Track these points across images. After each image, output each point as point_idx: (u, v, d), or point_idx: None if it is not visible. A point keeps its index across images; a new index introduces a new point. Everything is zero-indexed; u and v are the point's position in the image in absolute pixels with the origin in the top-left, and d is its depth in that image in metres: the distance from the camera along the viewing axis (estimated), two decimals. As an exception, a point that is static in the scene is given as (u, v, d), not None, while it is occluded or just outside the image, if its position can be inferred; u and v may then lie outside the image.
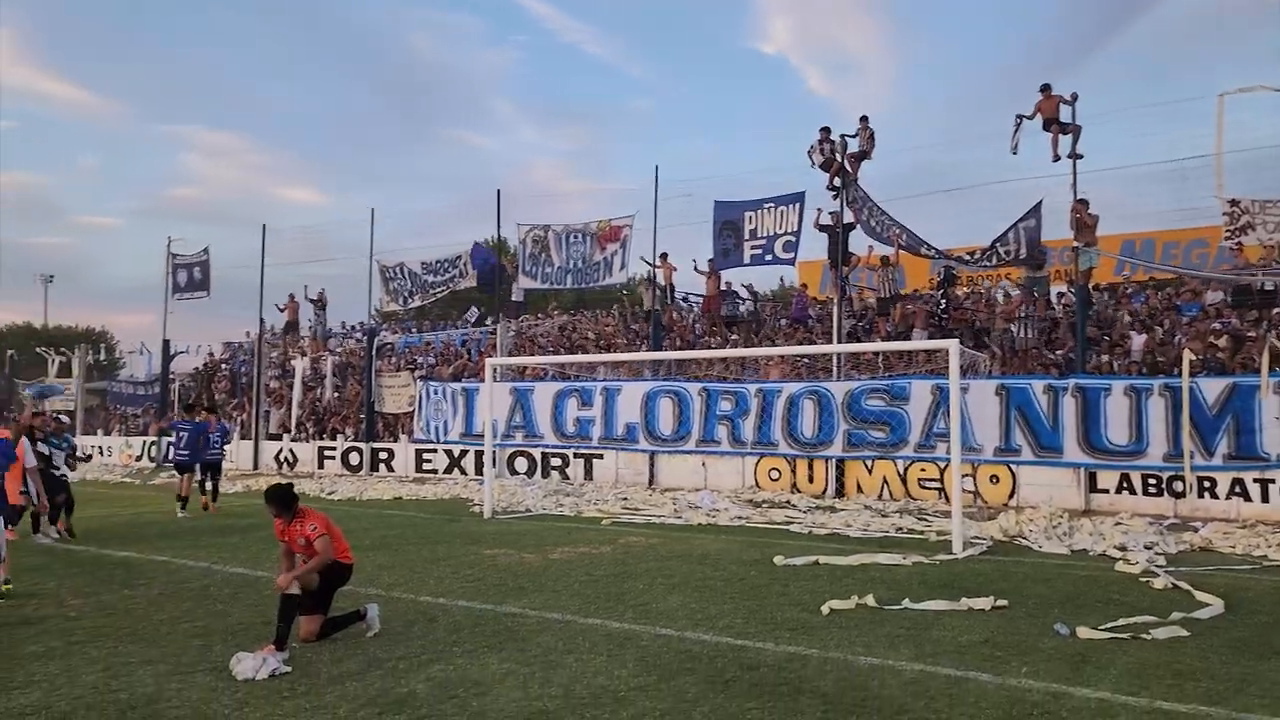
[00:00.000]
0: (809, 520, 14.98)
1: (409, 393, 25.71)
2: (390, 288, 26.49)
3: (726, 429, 19.60)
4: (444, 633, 7.47)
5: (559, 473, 22.36)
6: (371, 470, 25.88)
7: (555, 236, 22.92)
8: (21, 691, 5.92)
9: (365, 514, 16.83)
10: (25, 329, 75.88)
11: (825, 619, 7.89)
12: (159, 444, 31.00)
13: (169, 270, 31.41)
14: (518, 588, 9.39)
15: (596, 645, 7.02)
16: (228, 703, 5.68)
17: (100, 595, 9.09)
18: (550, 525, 14.83)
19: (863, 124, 19.36)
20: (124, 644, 7.12)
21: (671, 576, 9.97)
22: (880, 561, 10.81)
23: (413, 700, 5.72)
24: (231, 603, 8.70)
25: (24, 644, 7.18)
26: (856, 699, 5.70)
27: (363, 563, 10.77)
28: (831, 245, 19.44)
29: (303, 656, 6.70)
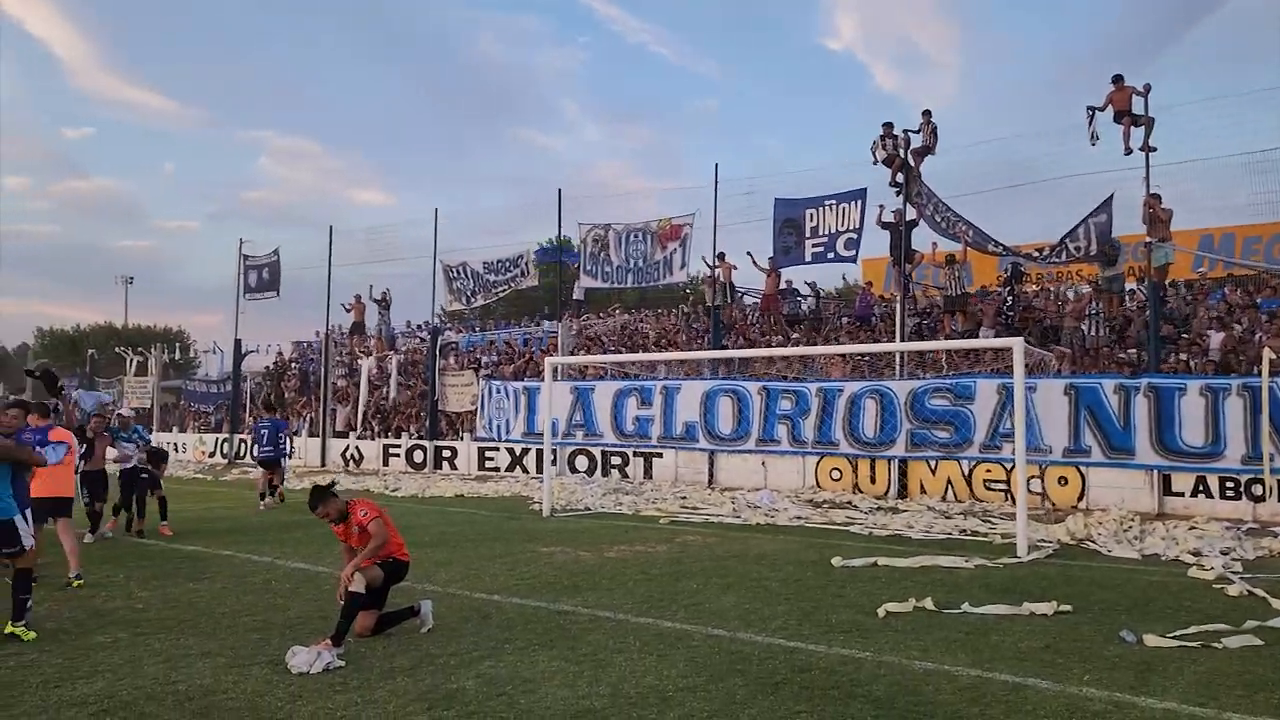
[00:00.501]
0: (870, 521, 14.78)
1: (472, 391, 25.95)
2: (453, 287, 26.77)
3: (786, 428, 19.41)
4: (496, 630, 7.50)
5: (619, 471, 22.37)
6: (435, 468, 26.18)
7: (616, 236, 22.94)
8: (86, 681, 6.08)
9: (427, 511, 17.02)
10: (107, 329, 78.50)
11: (881, 622, 7.75)
12: (231, 441, 31.77)
13: (240, 271, 32.16)
14: (572, 585, 9.40)
15: (647, 644, 6.98)
16: (281, 696, 5.76)
17: (167, 588, 9.31)
18: (608, 523, 14.84)
19: (925, 118, 19.04)
20: (186, 636, 7.27)
21: (726, 576, 9.90)
22: (941, 564, 10.60)
23: (461, 696, 5.74)
24: (291, 597, 8.84)
25: (92, 634, 7.38)
26: (909, 704, 5.57)
27: (421, 559, 10.90)
28: (894, 242, 19.16)
29: (356, 651, 6.77)
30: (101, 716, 5.36)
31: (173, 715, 5.38)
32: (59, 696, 5.72)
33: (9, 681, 6.05)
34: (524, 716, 5.37)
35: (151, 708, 5.52)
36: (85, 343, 66.47)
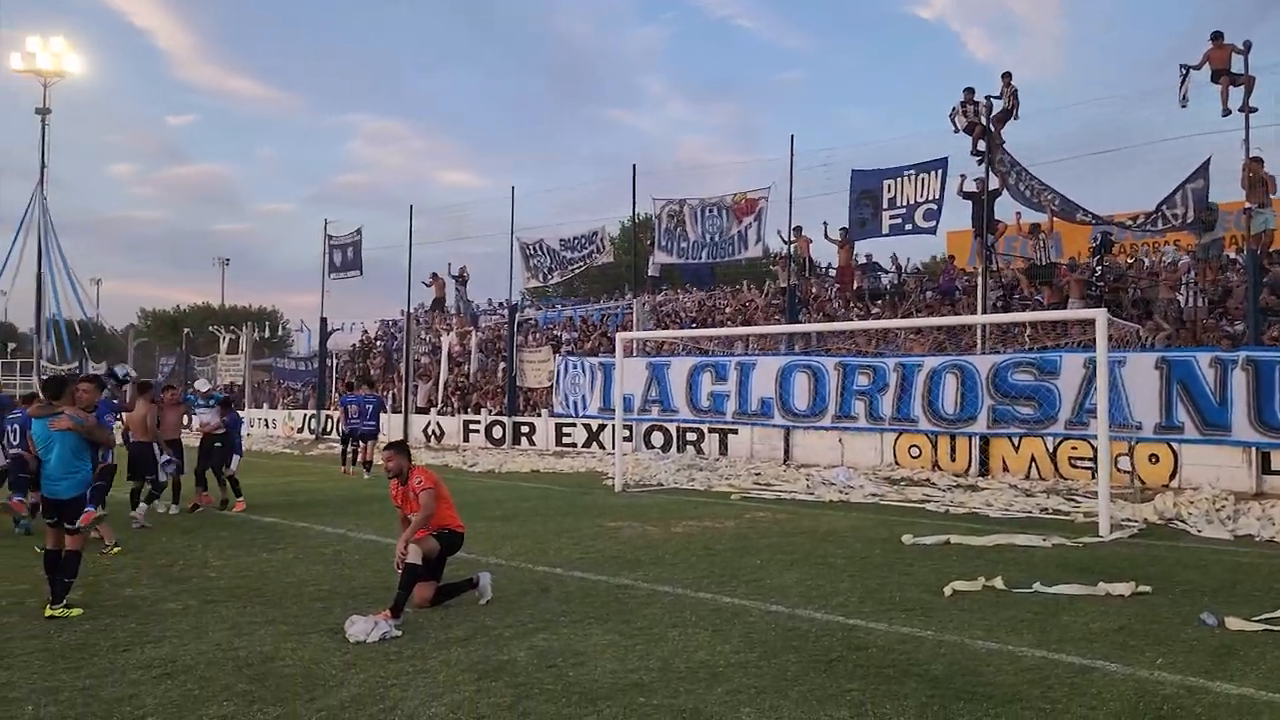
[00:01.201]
0: (947, 499, 14.43)
1: (549, 367, 26.11)
2: (530, 264, 26.88)
3: (864, 404, 19.06)
4: (554, 603, 7.51)
5: (694, 447, 22.28)
6: (514, 444, 26.45)
7: (691, 211, 22.71)
8: (154, 645, 6.26)
9: (502, 486, 17.20)
10: (204, 309, 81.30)
11: (947, 601, 7.53)
12: (318, 417, 32.58)
13: (325, 251, 32.84)
14: (634, 560, 9.37)
15: (703, 619, 6.91)
16: (336, 664, 5.84)
17: (240, 558, 9.56)
18: (679, 499, 14.79)
19: (1005, 81, 18.35)
20: (252, 604, 7.45)
21: (792, 553, 9.75)
22: (1017, 543, 10.29)
23: (511, 668, 5.75)
24: (358, 568, 9.00)
25: (165, 601, 7.61)
26: (966, 684, 5.40)
27: (489, 533, 11.04)
28: (976, 212, 18.57)
29: (414, 621, 6.84)
30: (163, 679, 5.51)
31: (230, 679, 5.51)
32: (126, 660, 5.90)
33: (82, 644, 6.27)
34: (571, 689, 5.35)
35: (211, 672, 5.65)
36: (185, 322, 68.86)
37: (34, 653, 6.04)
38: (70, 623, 6.84)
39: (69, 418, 7.50)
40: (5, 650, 6.10)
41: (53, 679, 5.51)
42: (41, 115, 53.30)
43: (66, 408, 7.64)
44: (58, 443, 7.45)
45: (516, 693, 5.28)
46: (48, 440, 7.49)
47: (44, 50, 53.49)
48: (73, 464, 7.47)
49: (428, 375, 31.56)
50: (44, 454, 7.54)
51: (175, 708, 5.02)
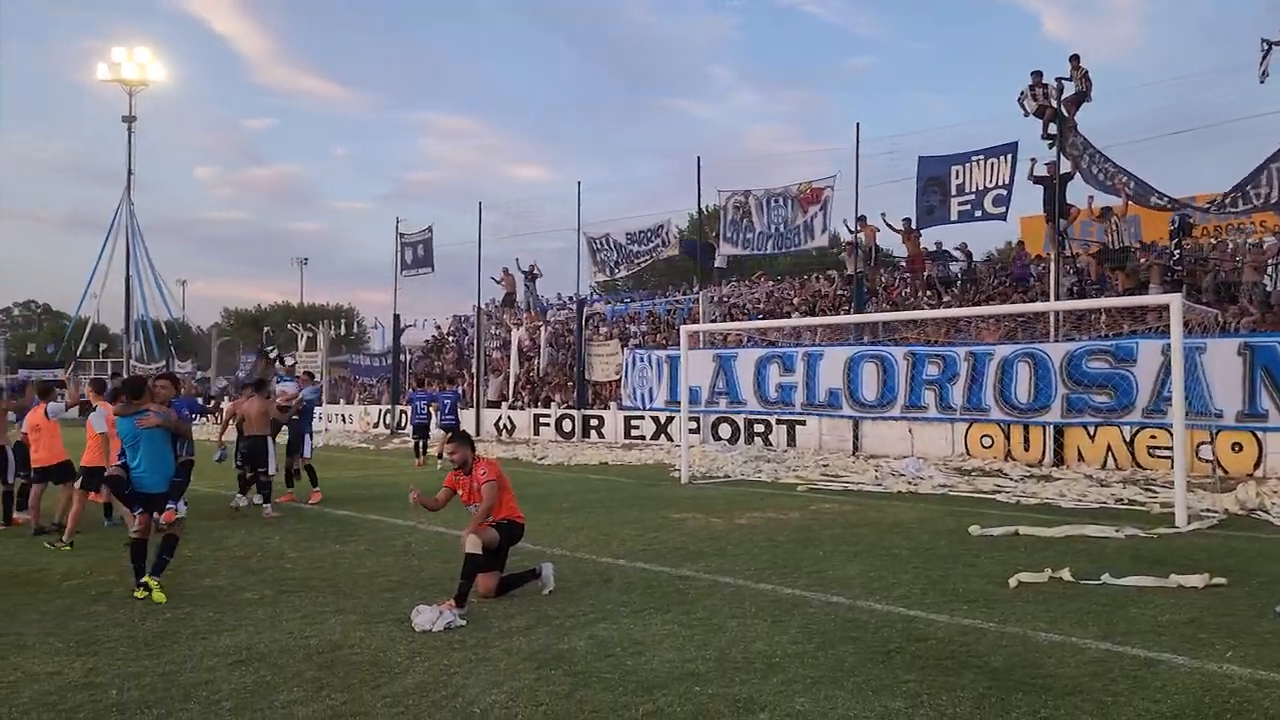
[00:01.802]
0: (1019, 489, 14.21)
1: (617, 361, 26.28)
2: (597, 259, 27.07)
3: (934, 394, 18.81)
4: (616, 593, 7.61)
5: (761, 439, 22.24)
6: (583, 436, 26.69)
7: (756, 201, 22.65)
8: (230, 633, 6.52)
9: (570, 478, 17.39)
10: (284, 307, 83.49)
11: (1011, 592, 7.44)
12: (392, 412, 33.25)
13: (397, 249, 33.49)
14: (697, 551, 9.43)
15: (762, 610, 6.94)
16: (402, 652, 6.01)
17: (314, 549, 9.86)
18: (744, 491, 14.80)
19: (1074, 64, 17.90)
20: (325, 594, 7.69)
21: (855, 544, 9.72)
22: (1088, 533, 10.09)
23: (570, 656, 5.85)
24: (427, 559, 9.21)
25: (242, 590, 7.90)
26: (1025, 676, 5.35)
27: (555, 524, 11.20)
28: (1047, 197, 18.18)
29: (479, 611, 7.00)
30: (238, 666, 5.74)
31: (301, 666, 5.71)
32: (204, 647, 6.15)
33: (164, 632, 6.55)
34: (628, 677, 5.44)
35: (284, 659, 5.87)
36: (265, 321, 70.85)
37: (119, 640, 6.34)
38: (153, 611, 7.14)
39: (155, 415, 7.91)
40: (93, 637, 6.40)
41: (136, 664, 5.78)
42: (127, 123, 55.27)
43: (150, 405, 8.02)
44: (145, 439, 7.85)
45: (574, 681, 5.38)
46: (135, 437, 7.87)
47: (129, 60, 55.43)
48: (160, 458, 7.89)
49: (499, 370, 32.01)
50: (131, 451, 7.91)
51: (249, 693, 5.23)
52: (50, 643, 6.28)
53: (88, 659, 5.90)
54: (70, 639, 6.37)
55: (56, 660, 5.88)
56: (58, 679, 5.51)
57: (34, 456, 11.49)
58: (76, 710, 4.99)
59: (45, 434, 11.47)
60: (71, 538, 10.15)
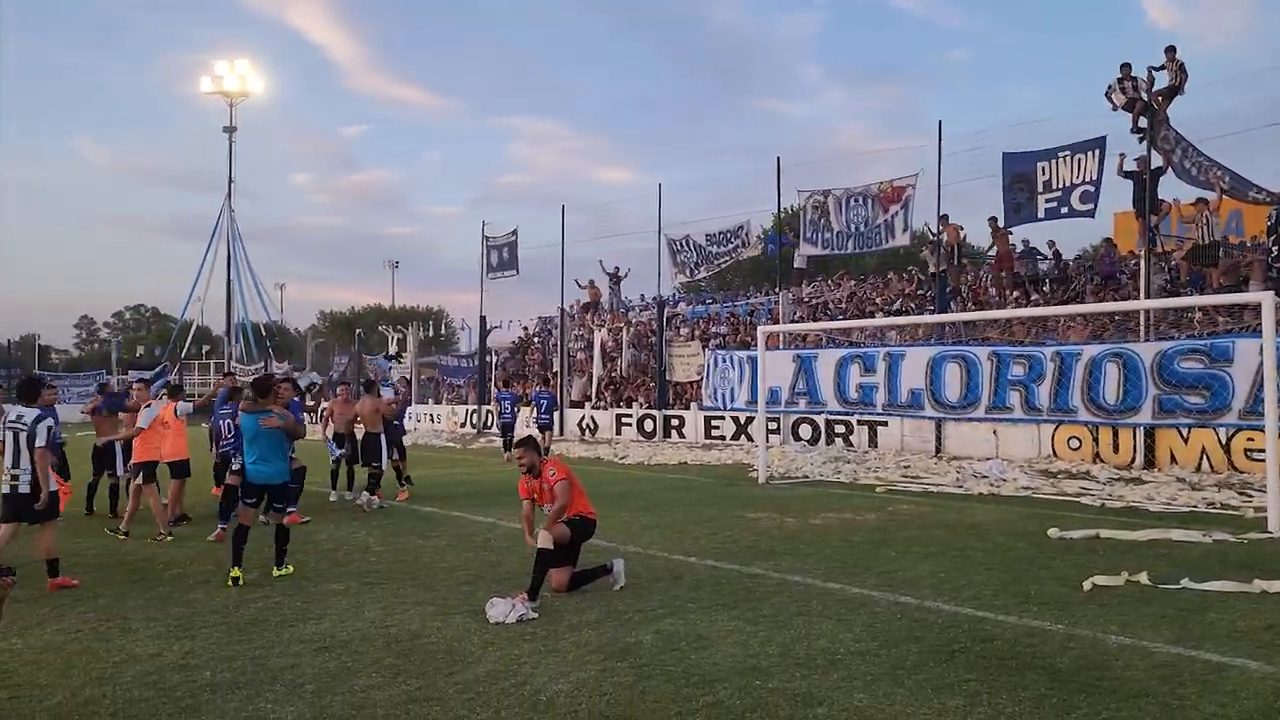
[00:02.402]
0: (1105, 493, 13.94)
1: (698, 361, 26.37)
2: (678, 260, 27.22)
3: (1019, 395, 18.39)
4: (685, 590, 7.75)
5: (842, 440, 22.11)
6: (664, 436, 26.86)
7: (836, 201, 22.51)
8: (316, 621, 6.85)
9: (648, 478, 17.59)
10: (376, 310, 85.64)
11: (1085, 595, 7.36)
12: (479, 412, 33.92)
13: (483, 252, 34.15)
14: (769, 550, 9.51)
15: (829, 609, 7.01)
16: (476, 642, 6.26)
17: (399, 543, 10.22)
18: (822, 492, 14.79)
19: (1169, 55, 17.38)
20: (405, 586, 8.01)
21: (929, 545, 9.68)
22: (1173, 537, 9.88)
23: (636, 650, 6.02)
24: (505, 554, 9.48)
25: (329, 581, 8.27)
26: (1091, 679, 5.33)
27: (630, 523, 11.39)
28: (1137, 193, 17.70)
29: (551, 605, 7.22)
30: (322, 652, 6.05)
31: (380, 654, 5.99)
32: (290, 634, 6.49)
33: (255, 619, 6.92)
34: (692, 670, 5.58)
35: (364, 647, 6.16)
36: (358, 323, 72.82)
37: (215, 626, 6.72)
38: (246, 600, 7.54)
39: (277, 416, 8.63)
40: (190, 623, 6.81)
41: (228, 648, 6.14)
42: (229, 133, 57.40)
43: (273, 406, 8.77)
44: (263, 436, 8.54)
45: (638, 673, 5.55)
46: (255, 433, 8.57)
47: (230, 73, 57.60)
48: (274, 453, 8.61)
49: (582, 370, 32.40)
50: (249, 444, 8.63)
51: (330, 677, 5.52)
52: (152, 626, 6.70)
53: (185, 642, 6.28)
54: (170, 623, 6.79)
55: (157, 643, 6.28)
56: (157, 660, 5.89)
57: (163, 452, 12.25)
58: (174, 689, 5.34)
59: (173, 431, 12.24)
60: (129, 527, 10.89)
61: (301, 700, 5.14)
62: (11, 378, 47.24)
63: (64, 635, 6.50)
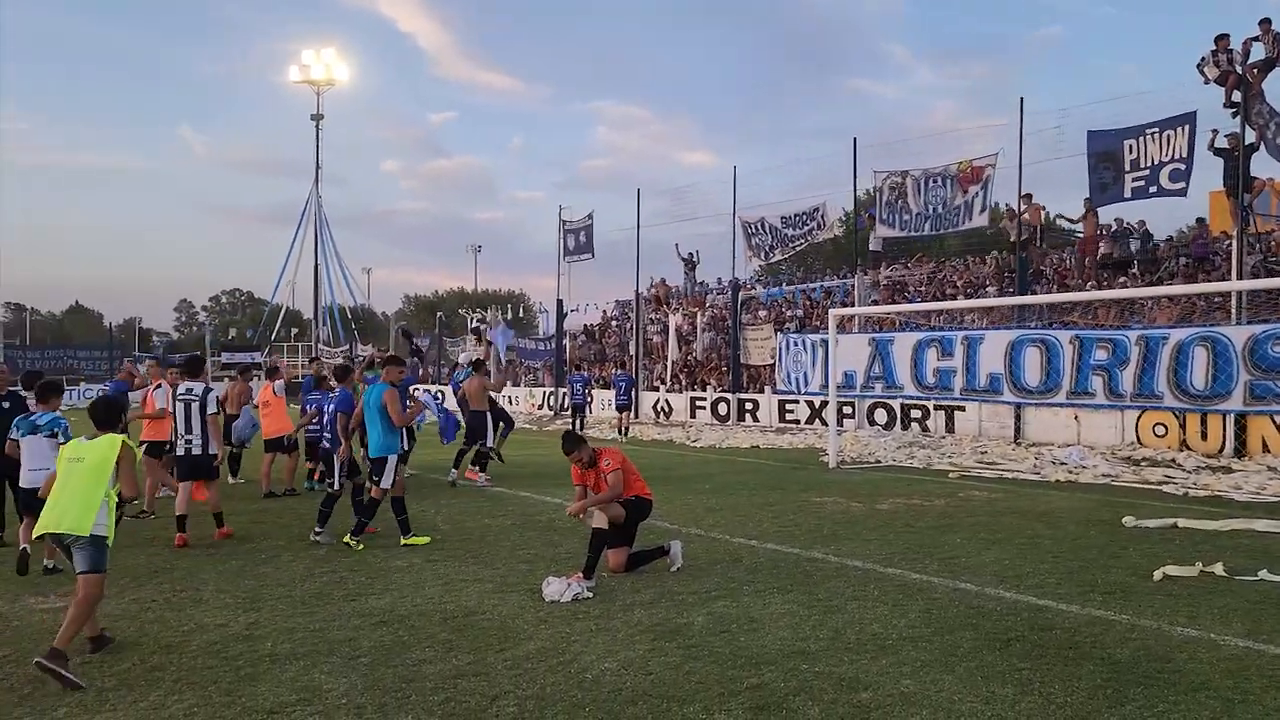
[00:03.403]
0: (1189, 481, 13.47)
1: (771, 345, 26.19)
2: (752, 243, 27.03)
3: (1102, 380, 17.88)
4: (743, 572, 7.74)
5: (918, 425, 21.76)
6: (738, 420, 26.77)
7: (914, 182, 22.06)
8: (378, 596, 7.03)
9: (718, 461, 17.56)
10: (460, 294, 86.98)
11: (1154, 585, 7.14)
12: (556, 394, 34.25)
13: (560, 236, 34.39)
14: (831, 534, 9.43)
15: (886, 594, 6.93)
16: (530, 620, 6.35)
17: (465, 522, 10.41)
18: (893, 477, 14.60)
19: (1264, 27, 16.56)
20: (467, 564, 8.16)
21: (997, 532, 9.49)
22: (1256, 528, 9.49)
23: (687, 630, 6.04)
24: (567, 534, 9.57)
25: (394, 559, 8.47)
26: (1151, 670, 5.18)
27: (695, 505, 11.42)
28: (1229, 170, 16.97)
29: (607, 585, 7.28)
30: (379, 626, 6.21)
31: (436, 629, 6.12)
32: (352, 608, 6.67)
33: (319, 593, 7.13)
34: (740, 652, 5.58)
35: (420, 622, 6.31)
36: (441, 306, 74.07)
37: (280, 599, 6.95)
38: (312, 574, 7.78)
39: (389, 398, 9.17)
40: (258, 595, 7.05)
41: (290, 620, 6.34)
42: (316, 121, 58.73)
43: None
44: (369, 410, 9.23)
45: (686, 653, 5.57)
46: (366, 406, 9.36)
47: (317, 62, 58.86)
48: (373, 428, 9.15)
49: (658, 354, 32.46)
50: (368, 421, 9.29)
51: (385, 650, 5.67)
52: (222, 598, 6.96)
53: (251, 614, 6.51)
54: (239, 595, 7.04)
55: (224, 614, 6.52)
56: (223, 630, 6.12)
57: (264, 429, 13.32)
58: (236, 658, 5.54)
59: (274, 408, 12.96)
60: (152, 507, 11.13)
61: (355, 672, 5.29)
62: (114, 359, 49.22)
63: (139, 604, 6.79)
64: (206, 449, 9.55)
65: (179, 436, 9.61)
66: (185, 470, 9.57)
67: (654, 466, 16.18)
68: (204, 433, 9.51)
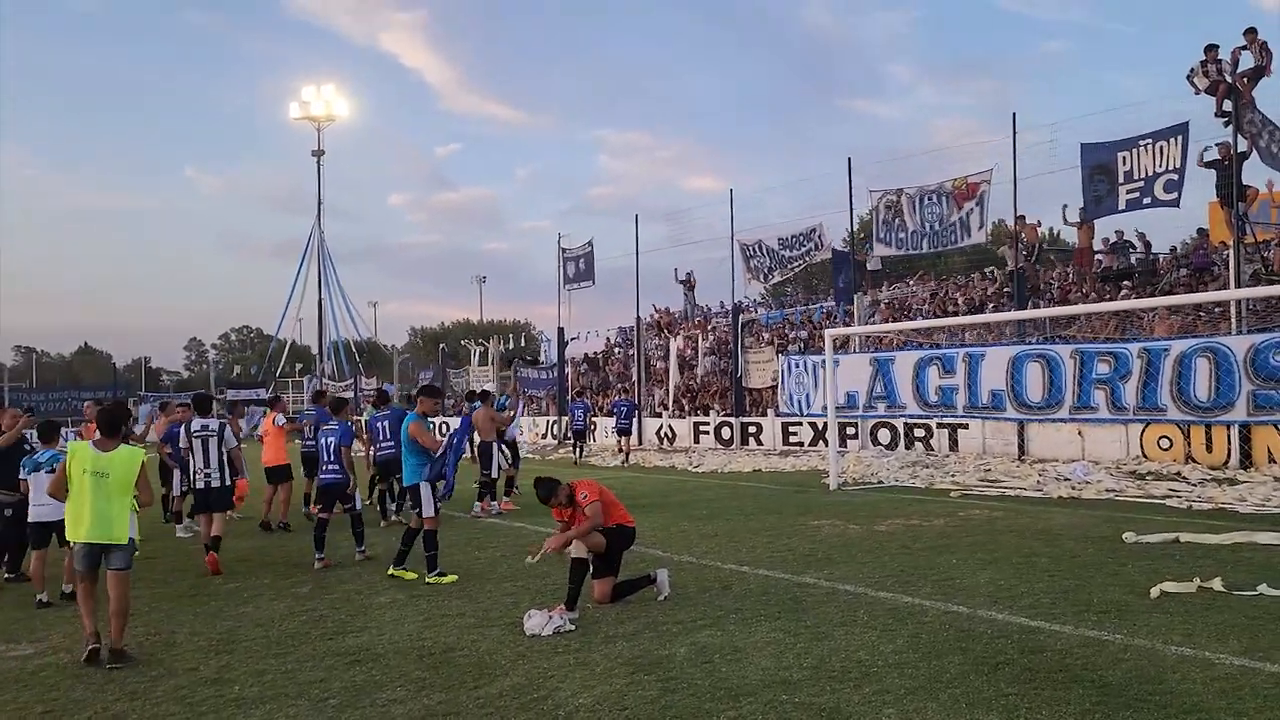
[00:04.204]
0: (1194, 494, 13.29)
1: (773, 367, 26.05)
2: (751, 265, 26.96)
3: (1104, 394, 17.65)
4: (731, 600, 7.58)
5: (922, 444, 21.57)
6: (741, 444, 26.60)
7: (909, 200, 21.99)
8: (356, 635, 6.89)
9: (718, 486, 17.40)
10: (465, 324, 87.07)
11: (1150, 603, 6.96)
12: (559, 422, 34.11)
13: (560, 263, 34.39)
14: (825, 558, 9.27)
15: (875, 619, 6.76)
16: (509, 655, 6.20)
17: (453, 555, 10.23)
18: (894, 497, 14.42)
19: (1250, 37, 16.50)
20: (450, 598, 8.01)
21: (994, 551, 9.31)
22: (1259, 541, 9.32)
23: (667, 663, 5.89)
24: (556, 565, 9.28)
25: (377, 594, 8.33)
26: (1141, 692, 5.00)
27: (689, 532, 11.26)
28: (1221, 181, 16.85)
29: (591, 617, 7.13)
30: (353, 665, 6.06)
31: (410, 667, 5.98)
32: (328, 648, 6.53)
33: (297, 632, 7.00)
34: (719, 684, 5.43)
35: (396, 660, 6.16)
36: (447, 338, 74.12)
37: (255, 640, 6.81)
38: (293, 613, 7.63)
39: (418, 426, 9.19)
40: (234, 637, 6.91)
41: (263, 663, 6.20)
42: (317, 156, 59.07)
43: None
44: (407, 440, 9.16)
45: (664, 686, 5.42)
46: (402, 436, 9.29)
47: (317, 98, 59.28)
48: (409, 457, 9.13)
49: (661, 380, 32.34)
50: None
51: (355, 691, 5.53)
52: (196, 641, 6.82)
53: (223, 657, 6.37)
54: (214, 637, 6.90)
55: (196, 658, 6.38)
56: (192, 675, 5.98)
57: (264, 458, 13.44)
58: (201, 704, 5.41)
59: (272, 439, 13.61)
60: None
61: (322, 715, 5.15)
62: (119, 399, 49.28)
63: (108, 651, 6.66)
64: (224, 481, 10.12)
65: (197, 471, 10.17)
66: (203, 502, 10.16)
67: (653, 492, 16.04)
68: (220, 465, 10.10)
